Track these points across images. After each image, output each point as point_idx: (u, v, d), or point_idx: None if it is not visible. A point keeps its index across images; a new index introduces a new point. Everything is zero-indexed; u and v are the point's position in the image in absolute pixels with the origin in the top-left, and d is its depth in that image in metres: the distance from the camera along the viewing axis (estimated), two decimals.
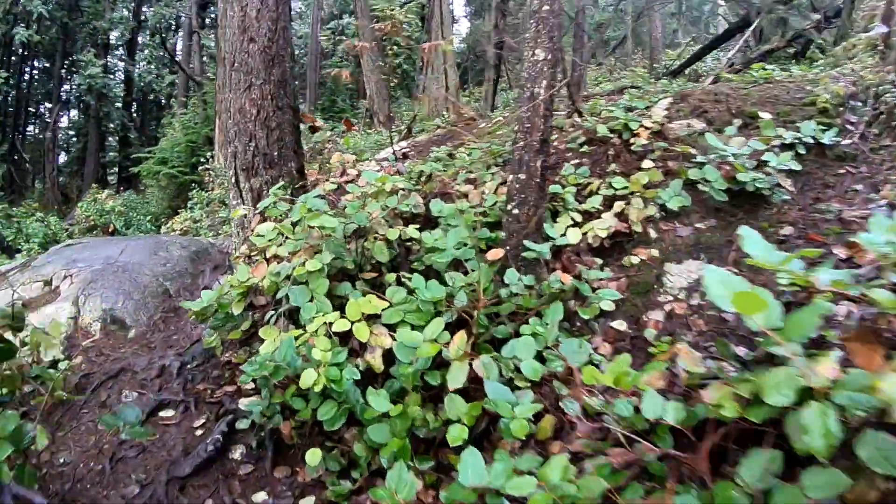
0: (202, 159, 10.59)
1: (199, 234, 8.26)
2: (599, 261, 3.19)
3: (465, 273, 2.86)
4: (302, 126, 4.56)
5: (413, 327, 2.58)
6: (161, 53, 22.93)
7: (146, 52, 24.79)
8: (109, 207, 11.35)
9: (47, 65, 24.12)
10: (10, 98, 23.21)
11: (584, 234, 3.20)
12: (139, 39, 24.40)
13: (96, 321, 4.21)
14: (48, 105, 24.48)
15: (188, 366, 3.61)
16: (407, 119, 11.62)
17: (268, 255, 3.16)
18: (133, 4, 23.26)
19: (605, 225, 3.20)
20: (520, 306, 2.75)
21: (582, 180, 3.63)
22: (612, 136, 3.92)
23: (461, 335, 2.40)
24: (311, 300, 2.76)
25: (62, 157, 26.62)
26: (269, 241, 3.14)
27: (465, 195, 3.77)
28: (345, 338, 2.67)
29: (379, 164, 5.97)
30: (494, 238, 3.17)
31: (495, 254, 2.83)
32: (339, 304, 2.78)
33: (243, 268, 3.12)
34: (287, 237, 3.07)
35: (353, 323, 2.58)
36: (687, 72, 9.12)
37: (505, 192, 3.24)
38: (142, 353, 4.03)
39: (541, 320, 2.66)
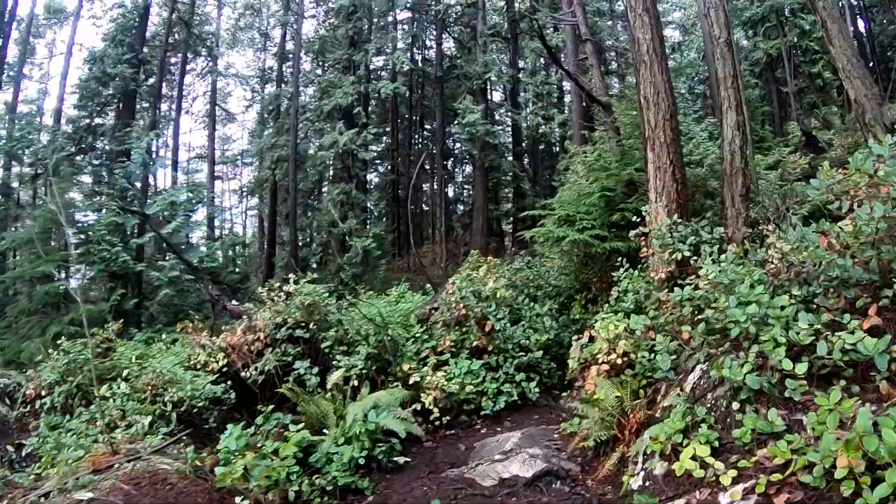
0: (629, 216, 6.87)
1: (654, 373, 4.31)
2: None
3: None
4: None
5: None
6: (544, 92, 21.02)
7: (529, 92, 23.70)
8: (490, 291, 7.59)
9: (436, 126, 25.99)
10: (399, 158, 25.60)
11: None
12: (520, 80, 23.20)
13: None
14: (439, 165, 26.16)
15: None
16: None
17: None
18: (509, 53, 22.48)
19: None
20: None
21: None
22: None
23: None
24: None
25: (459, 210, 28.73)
26: None
27: None
28: None
29: None
30: None
31: None
32: None
33: None
34: None
35: None
36: None
37: None
38: None
39: None
